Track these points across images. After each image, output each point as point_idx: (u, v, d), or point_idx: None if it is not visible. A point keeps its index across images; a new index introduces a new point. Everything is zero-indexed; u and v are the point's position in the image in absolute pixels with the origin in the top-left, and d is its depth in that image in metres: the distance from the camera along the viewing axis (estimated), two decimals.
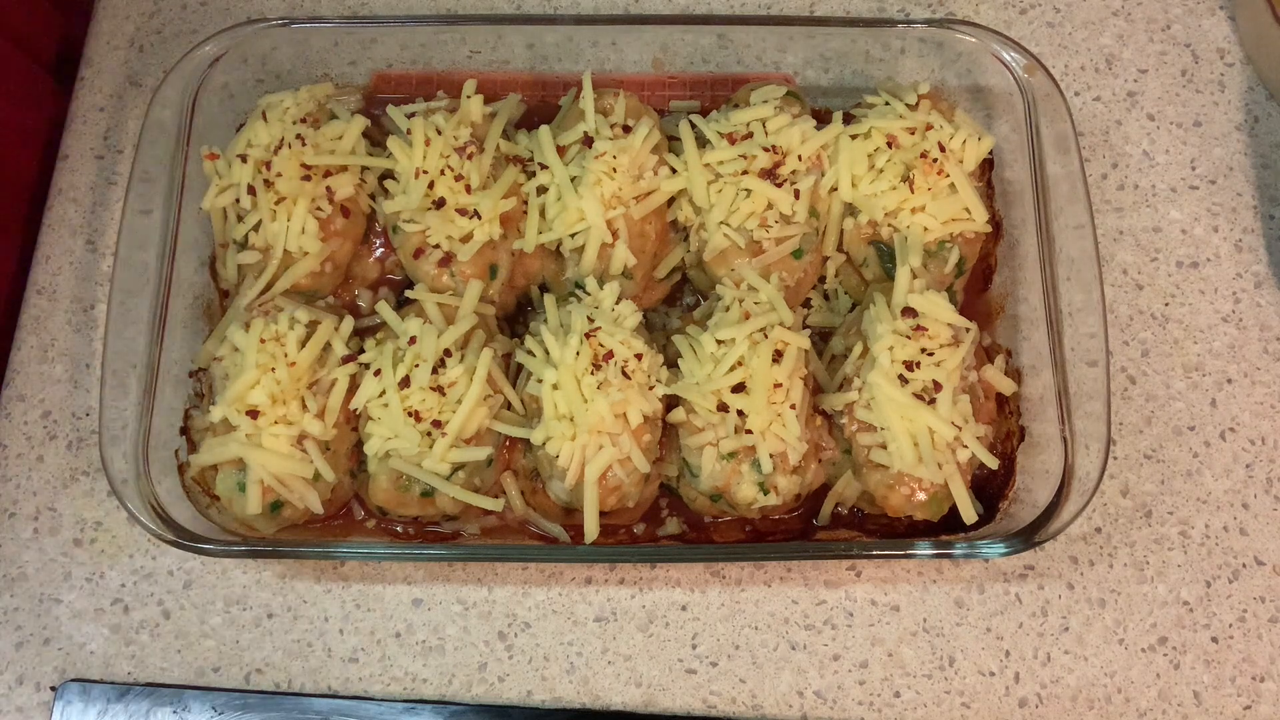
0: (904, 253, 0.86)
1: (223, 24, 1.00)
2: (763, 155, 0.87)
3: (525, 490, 0.85)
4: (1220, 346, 0.93)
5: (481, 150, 0.88)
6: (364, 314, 0.90)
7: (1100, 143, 1.00)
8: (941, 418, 0.80)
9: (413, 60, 0.98)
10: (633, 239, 0.87)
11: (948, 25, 0.94)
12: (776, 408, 0.80)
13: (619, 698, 0.84)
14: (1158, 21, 1.04)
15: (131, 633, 0.86)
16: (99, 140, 1.01)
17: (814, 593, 0.87)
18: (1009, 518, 0.85)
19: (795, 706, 0.84)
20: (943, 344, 0.82)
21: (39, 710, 0.84)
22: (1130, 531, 0.88)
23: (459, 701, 0.84)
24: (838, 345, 0.88)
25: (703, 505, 0.85)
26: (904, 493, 0.81)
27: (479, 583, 0.87)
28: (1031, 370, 0.88)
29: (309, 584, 0.87)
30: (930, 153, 0.87)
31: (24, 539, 0.88)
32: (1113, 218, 0.97)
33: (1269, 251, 0.96)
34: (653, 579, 0.87)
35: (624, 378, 0.80)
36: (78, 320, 0.94)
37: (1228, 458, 0.90)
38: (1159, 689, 0.84)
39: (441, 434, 0.80)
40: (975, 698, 0.84)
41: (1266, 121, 1.00)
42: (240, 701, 0.83)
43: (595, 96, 0.89)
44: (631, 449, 0.80)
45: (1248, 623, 0.86)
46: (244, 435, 0.80)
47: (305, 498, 0.80)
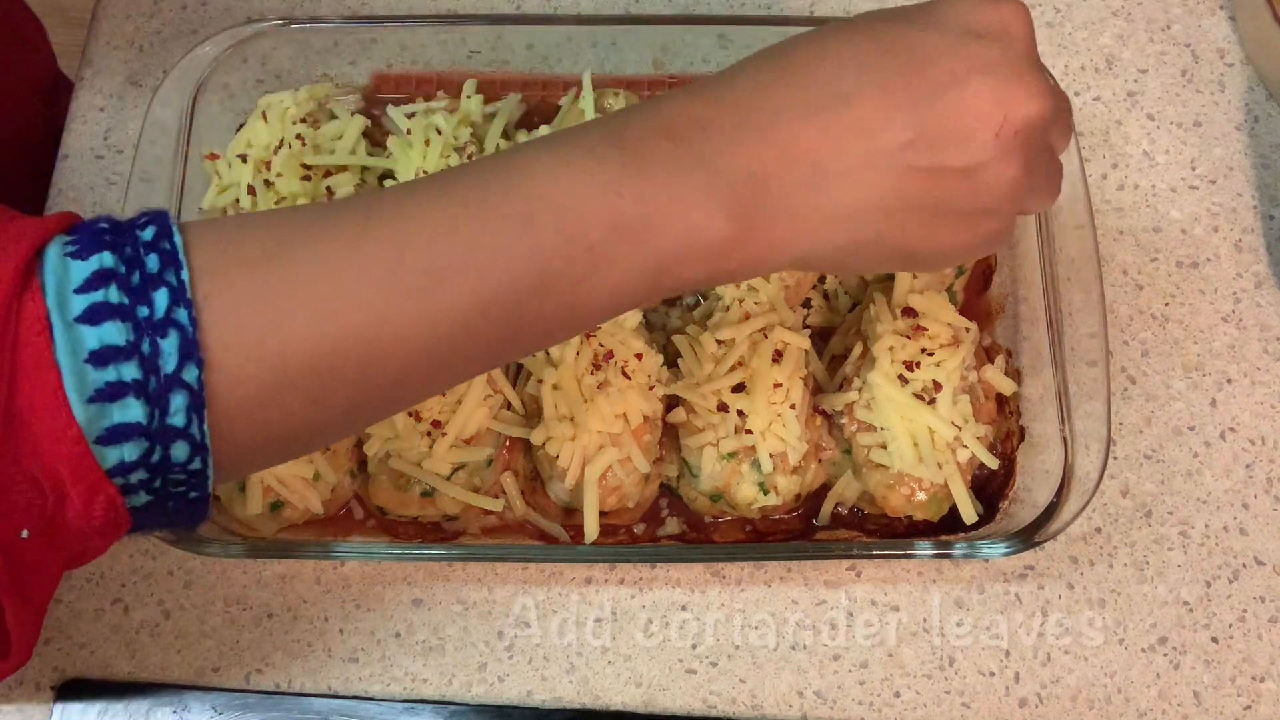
0: None
1: (223, 24, 1.00)
2: None
3: (525, 490, 0.85)
4: (1220, 346, 0.93)
5: (481, 150, 0.88)
6: None
7: (1100, 143, 1.00)
8: (941, 418, 0.80)
9: (413, 60, 0.98)
10: None
11: None
12: (776, 408, 0.80)
13: (619, 698, 0.84)
14: (1158, 21, 1.04)
15: (131, 633, 0.86)
16: (99, 140, 1.00)
17: (814, 593, 0.87)
18: (1009, 518, 0.85)
19: (795, 706, 0.84)
20: (943, 344, 0.82)
21: (39, 710, 0.84)
22: (1130, 531, 0.88)
23: (459, 701, 0.84)
24: (838, 345, 0.88)
25: (703, 505, 0.85)
26: (904, 493, 0.81)
27: (479, 583, 0.87)
28: (1031, 370, 0.88)
29: (309, 584, 0.87)
30: None
31: None
32: (1113, 218, 0.97)
33: (1269, 251, 0.96)
34: (653, 579, 0.87)
35: (624, 378, 0.80)
36: None
37: (1228, 458, 0.90)
38: (1159, 689, 0.84)
39: (441, 434, 0.80)
40: (975, 698, 0.84)
41: (1266, 121, 1.00)
42: (240, 701, 0.83)
43: (595, 96, 0.89)
44: (631, 449, 0.80)
45: (1248, 623, 0.86)
46: None
47: (305, 498, 0.80)
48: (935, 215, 0.57)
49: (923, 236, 0.58)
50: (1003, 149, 0.55)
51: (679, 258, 0.56)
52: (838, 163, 0.54)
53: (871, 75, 0.54)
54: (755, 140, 0.54)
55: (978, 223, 0.58)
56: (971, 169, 0.55)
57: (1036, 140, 0.57)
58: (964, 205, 0.57)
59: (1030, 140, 0.57)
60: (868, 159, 0.54)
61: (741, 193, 0.54)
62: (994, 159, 0.55)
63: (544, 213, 0.54)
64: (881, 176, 0.55)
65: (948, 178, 0.55)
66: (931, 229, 0.58)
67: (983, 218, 0.58)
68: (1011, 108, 0.55)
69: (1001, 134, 0.55)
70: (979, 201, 0.57)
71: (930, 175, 0.55)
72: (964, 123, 0.55)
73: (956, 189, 0.56)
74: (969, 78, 0.54)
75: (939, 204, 0.57)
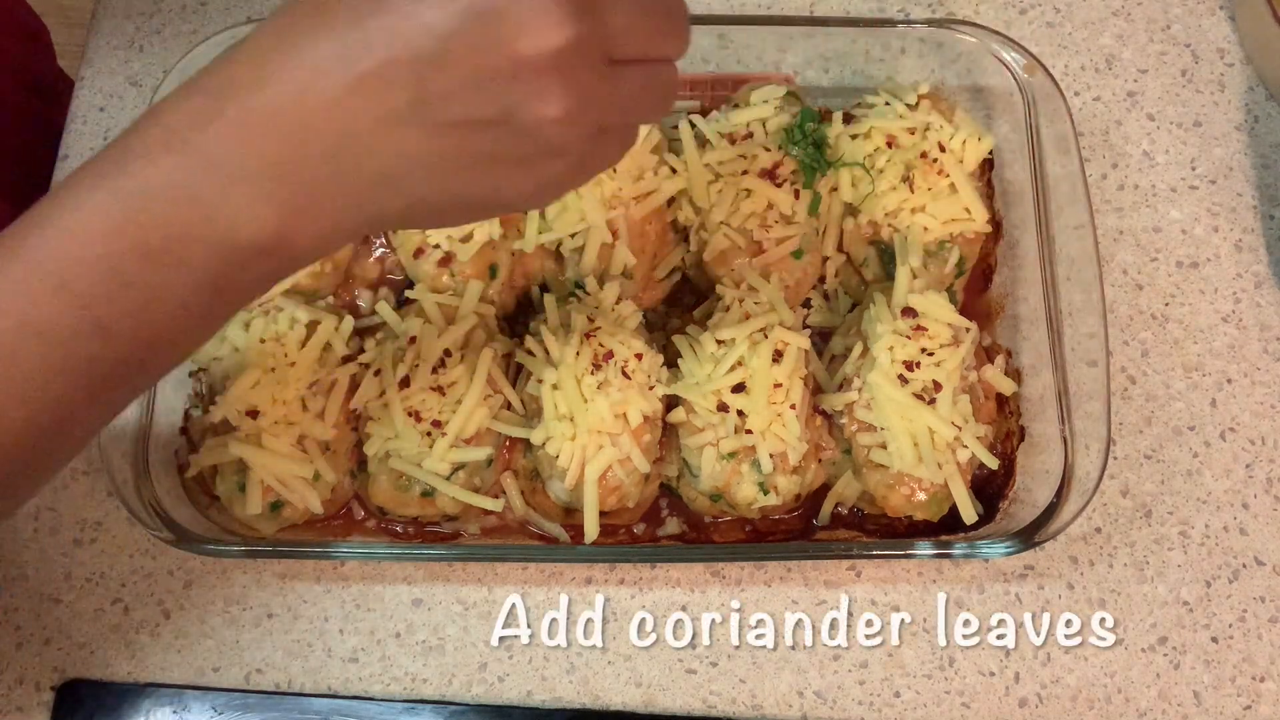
0: (904, 253, 0.86)
1: (223, 24, 1.00)
2: (763, 155, 0.87)
3: (525, 490, 0.85)
4: (1220, 346, 0.93)
5: None
6: (364, 314, 0.90)
7: (1100, 143, 1.00)
8: (941, 418, 0.80)
9: None
10: (633, 239, 0.87)
11: (948, 25, 0.94)
12: (776, 408, 0.80)
13: (619, 698, 0.84)
14: (1158, 21, 1.04)
15: (131, 633, 0.86)
16: (99, 140, 1.00)
17: (814, 593, 0.87)
18: (1009, 518, 0.85)
19: (795, 706, 0.84)
20: (943, 344, 0.82)
21: (39, 710, 0.84)
22: (1130, 531, 0.88)
23: (459, 701, 0.84)
24: (838, 345, 0.88)
25: (703, 505, 0.85)
26: (904, 493, 0.81)
27: (479, 583, 0.87)
28: (1031, 370, 0.88)
29: (309, 584, 0.87)
30: (930, 153, 0.87)
31: (24, 539, 0.88)
32: (1113, 218, 0.97)
33: (1269, 251, 0.96)
34: (653, 579, 0.87)
35: (624, 378, 0.80)
36: None
37: (1228, 458, 0.90)
38: (1159, 689, 0.84)
39: (441, 434, 0.80)
40: (975, 698, 0.84)
41: (1266, 121, 1.00)
42: (240, 701, 0.83)
43: None
44: (631, 449, 0.80)
45: (1248, 623, 0.86)
46: (244, 435, 0.80)
47: (305, 498, 0.80)
48: (491, 164, 0.54)
49: (488, 187, 0.55)
50: (532, 89, 0.51)
51: (237, 264, 0.54)
52: (358, 129, 0.52)
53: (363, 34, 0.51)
54: (265, 126, 0.52)
55: (543, 165, 0.55)
56: (500, 117, 0.52)
57: (582, 65, 0.52)
58: (516, 151, 0.54)
59: (570, 68, 0.52)
60: (387, 120, 0.52)
61: (271, 182, 0.53)
62: (524, 100, 0.52)
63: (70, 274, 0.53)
64: (411, 134, 0.52)
65: (480, 128, 0.52)
66: (492, 179, 0.55)
67: (546, 160, 0.55)
68: (517, 43, 0.50)
69: (520, 74, 0.51)
70: (529, 145, 0.53)
71: (459, 128, 0.52)
72: (469, 70, 0.51)
73: (498, 137, 0.53)
74: (463, 22, 0.50)
75: (487, 153, 0.54)
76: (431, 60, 0.51)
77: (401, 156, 0.53)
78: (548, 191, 0.58)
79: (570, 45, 0.51)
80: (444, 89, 0.51)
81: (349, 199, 0.55)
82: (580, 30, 0.51)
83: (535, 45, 0.51)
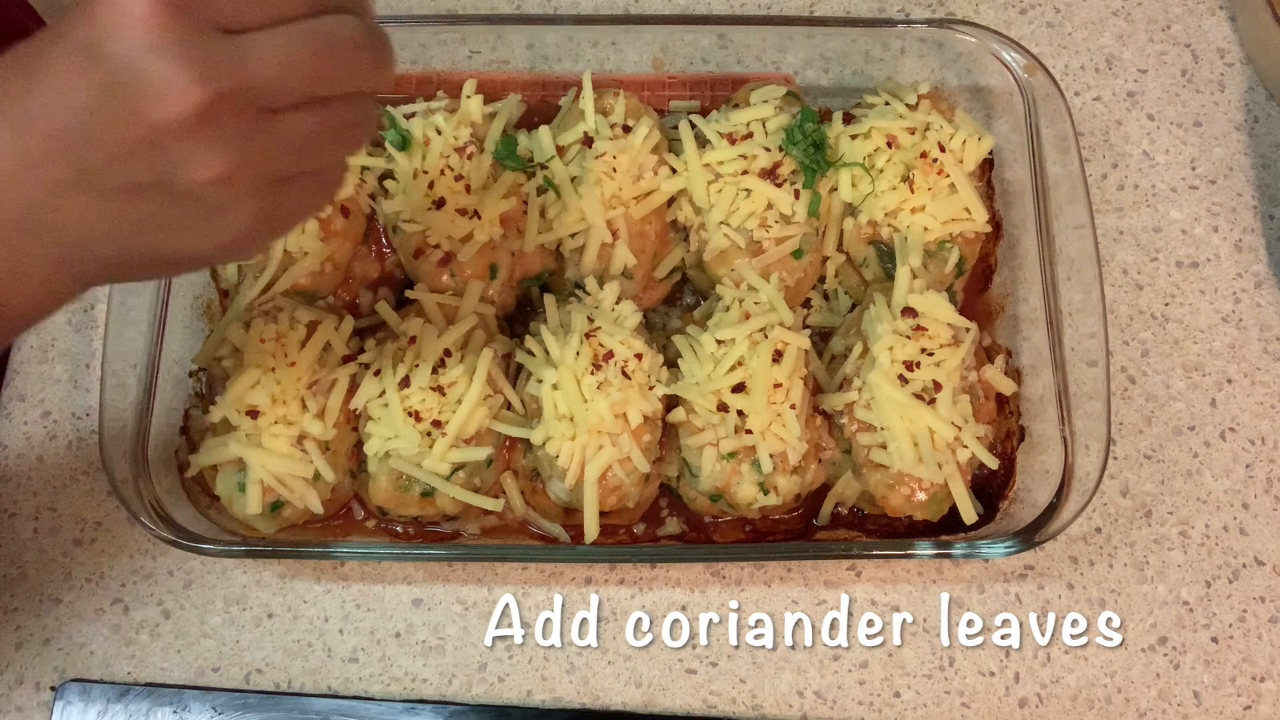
0: (904, 253, 0.86)
1: None
2: (763, 155, 0.87)
3: (525, 490, 0.85)
4: (1220, 346, 0.93)
5: (481, 150, 0.88)
6: (364, 314, 0.90)
7: (1100, 143, 1.00)
8: (941, 418, 0.80)
9: (413, 60, 0.98)
10: (633, 239, 0.87)
11: (948, 25, 0.94)
12: (776, 408, 0.80)
13: (619, 698, 0.84)
14: (1158, 21, 1.04)
15: (131, 633, 0.86)
16: None
17: (814, 593, 0.87)
18: (1009, 518, 0.85)
19: (795, 706, 0.84)
20: (943, 344, 0.82)
21: (39, 710, 0.84)
22: (1130, 531, 0.88)
23: (459, 701, 0.84)
24: (838, 345, 0.88)
25: (703, 505, 0.85)
26: (904, 493, 0.81)
27: (479, 583, 0.87)
28: (1031, 370, 0.88)
29: (309, 584, 0.87)
30: (930, 153, 0.87)
31: (24, 539, 0.88)
32: (1113, 218, 0.97)
33: (1269, 251, 0.96)
34: (653, 579, 0.87)
35: (624, 378, 0.80)
36: (78, 320, 0.94)
37: (1228, 458, 0.90)
38: (1159, 689, 0.84)
39: (441, 434, 0.80)
40: (975, 698, 0.84)
41: (1266, 121, 1.00)
42: (240, 701, 0.83)
43: (595, 96, 0.89)
44: (631, 449, 0.80)
45: (1248, 623, 0.86)
46: (244, 435, 0.80)
47: (305, 498, 0.80)
48: (164, 226, 0.55)
49: (169, 246, 0.56)
50: (179, 154, 0.52)
51: None
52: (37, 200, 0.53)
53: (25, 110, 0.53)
54: None
55: (218, 223, 0.55)
56: (157, 182, 0.53)
57: (230, 122, 0.52)
58: (183, 213, 0.54)
59: (215, 128, 0.52)
60: (59, 190, 0.53)
61: None
62: (175, 165, 0.52)
63: None
64: (83, 202, 0.54)
65: (143, 193, 0.53)
66: (170, 239, 0.56)
67: (217, 218, 0.55)
68: (153, 113, 0.51)
69: (161, 141, 0.51)
70: (195, 206, 0.54)
71: (125, 193, 0.53)
72: (116, 141, 0.52)
73: (161, 201, 0.54)
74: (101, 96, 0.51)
75: (156, 216, 0.55)
76: (81, 134, 0.52)
77: (81, 223, 0.55)
78: (242, 245, 0.58)
79: (207, 106, 0.51)
80: (99, 160, 0.53)
81: (51, 263, 0.56)
82: (217, 89, 0.51)
83: (168, 112, 0.51)
